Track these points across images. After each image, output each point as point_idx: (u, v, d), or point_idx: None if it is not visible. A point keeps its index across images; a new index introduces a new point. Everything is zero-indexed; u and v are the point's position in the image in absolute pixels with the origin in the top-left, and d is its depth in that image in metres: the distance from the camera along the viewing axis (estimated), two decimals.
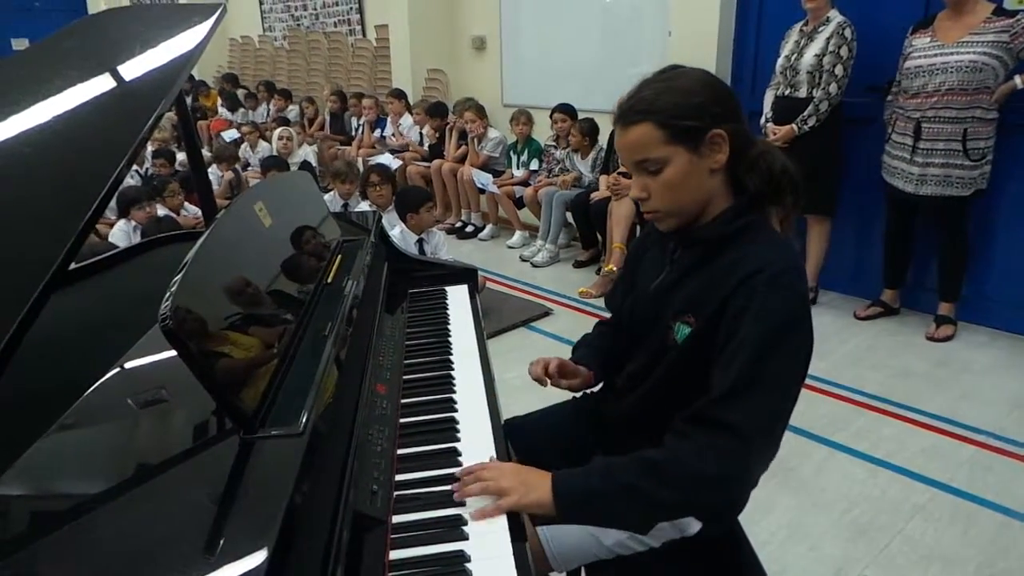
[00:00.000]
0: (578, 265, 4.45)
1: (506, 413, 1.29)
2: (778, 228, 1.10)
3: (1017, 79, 2.85)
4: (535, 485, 0.99)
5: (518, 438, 1.30)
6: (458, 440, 1.15)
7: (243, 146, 6.41)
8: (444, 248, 3.78)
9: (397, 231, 3.62)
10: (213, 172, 5.45)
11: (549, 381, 1.29)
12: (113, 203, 3.95)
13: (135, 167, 5.10)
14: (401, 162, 5.48)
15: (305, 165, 5.71)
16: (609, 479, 0.99)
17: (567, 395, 1.36)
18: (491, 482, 0.99)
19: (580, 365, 1.31)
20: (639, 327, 1.18)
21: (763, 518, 2.05)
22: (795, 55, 3.34)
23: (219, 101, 8.22)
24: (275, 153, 5.81)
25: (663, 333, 1.10)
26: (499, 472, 1.01)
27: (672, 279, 1.12)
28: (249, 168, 6.13)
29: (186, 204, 4.36)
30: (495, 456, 1.10)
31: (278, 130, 6.13)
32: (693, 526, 1.12)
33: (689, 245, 1.11)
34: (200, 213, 2.03)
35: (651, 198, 1.07)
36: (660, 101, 1.03)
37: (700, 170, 1.04)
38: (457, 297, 1.75)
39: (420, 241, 3.66)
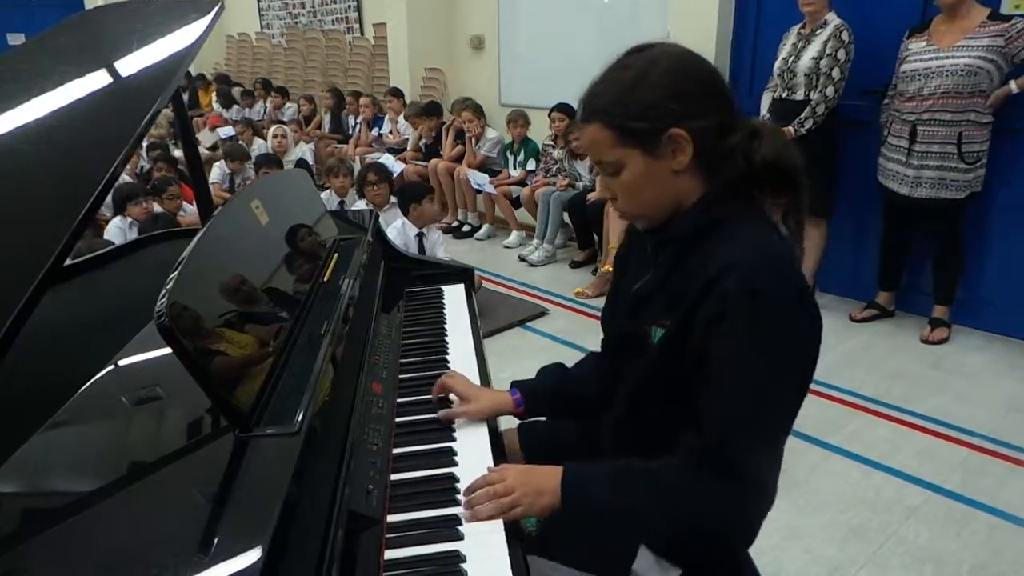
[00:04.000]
0: (574, 265, 4.45)
1: None
2: (781, 226, 0.98)
3: (1012, 84, 2.86)
4: (544, 489, 0.96)
5: (529, 438, 1.31)
6: (454, 440, 1.15)
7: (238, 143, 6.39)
8: (442, 247, 3.79)
9: (399, 223, 3.63)
10: (221, 167, 5.43)
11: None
12: (109, 199, 3.93)
13: (130, 165, 5.06)
14: (404, 164, 5.47)
15: (301, 163, 5.70)
16: (618, 495, 0.95)
17: None
18: (502, 494, 0.95)
19: (516, 387, 1.21)
20: (620, 330, 1.12)
21: None
22: (792, 57, 3.34)
23: (214, 98, 8.20)
24: (270, 151, 5.79)
25: (641, 336, 1.02)
26: (507, 482, 0.97)
27: (651, 280, 1.04)
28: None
29: (184, 205, 4.33)
30: (491, 462, 1.09)
31: (273, 128, 6.11)
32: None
33: (662, 245, 1.03)
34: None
35: (617, 199, 1.00)
36: (609, 98, 0.94)
37: (660, 172, 0.94)
38: (453, 296, 1.75)
39: (420, 236, 3.66)
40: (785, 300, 0.89)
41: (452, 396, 1.23)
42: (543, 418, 1.31)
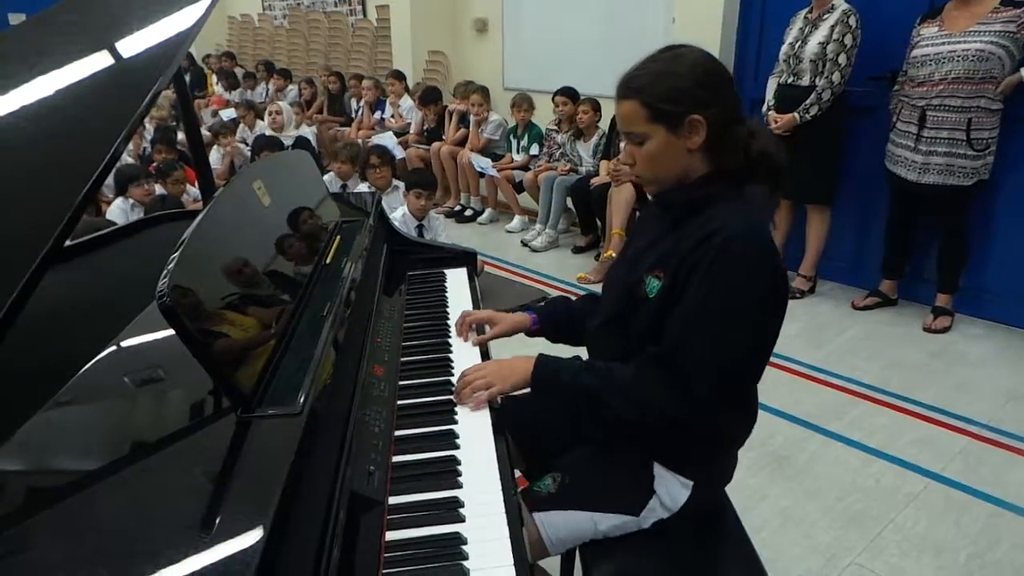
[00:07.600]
0: (577, 251, 4.44)
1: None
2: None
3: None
4: (515, 371, 1.21)
5: (514, 417, 1.31)
6: (455, 423, 1.15)
7: (240, 126, 6.36)
8: (444, 234, 3.78)
9: (399, 214, 3.61)
10: (217, 151, 5.40)
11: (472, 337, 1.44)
12: (111, 181, 3.92)
13: (131, 146, 5.04)
14: (405, 147, 5.44)
15: (301, 142, 5.65)
16: (581, 379, 1.15)
17: None
18: (479, 380, 1.19)
19: (525, 311, 1.46)
20: (618, 282, 1.27)
21: (757, 505, 2.06)
22: (799, 43, 3.31)
23: (214, 80, 8.16)
24: (268, 131, 5.74)
25: (636, 287, 1.18)
26: (484, 371, 1.22)
27: (649, 240, 1.22)
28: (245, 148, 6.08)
29: (187, 188, 4.31)
30: (493, 444, 1.11)
31: (269, 106, 6.07)
32: (682, 495, 1.17)
33: (663, 209, 1.23)
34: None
35: (635, 165, 1.19)
36: (649, 83, 1.12)
37: (677, 148, 1.13)
38: (456, 280, 1.75)
39: (420, 227, 3.65)
40: (752, 258, 1.08)
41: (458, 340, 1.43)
42: (527, 393, 1.35)
